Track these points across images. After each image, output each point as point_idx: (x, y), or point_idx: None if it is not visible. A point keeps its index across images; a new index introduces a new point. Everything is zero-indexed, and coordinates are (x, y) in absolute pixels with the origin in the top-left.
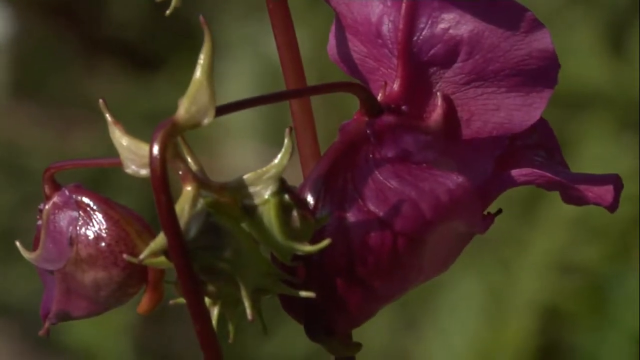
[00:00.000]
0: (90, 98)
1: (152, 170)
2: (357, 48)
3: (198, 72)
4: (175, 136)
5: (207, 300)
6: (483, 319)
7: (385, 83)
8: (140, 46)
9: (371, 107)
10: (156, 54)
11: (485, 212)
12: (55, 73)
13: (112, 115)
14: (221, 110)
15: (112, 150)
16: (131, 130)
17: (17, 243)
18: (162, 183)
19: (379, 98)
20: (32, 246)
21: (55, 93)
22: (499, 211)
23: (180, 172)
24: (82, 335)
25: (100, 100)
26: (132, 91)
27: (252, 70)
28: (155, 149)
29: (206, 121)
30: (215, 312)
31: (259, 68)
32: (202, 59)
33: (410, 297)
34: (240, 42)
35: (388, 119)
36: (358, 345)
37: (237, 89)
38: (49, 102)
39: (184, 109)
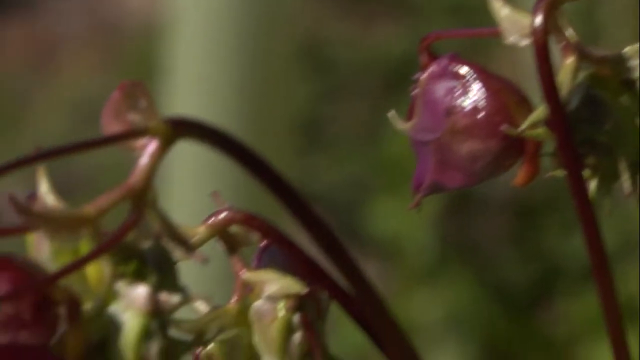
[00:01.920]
0: None
1: (535, 41)
2: None
3: None
4: (557, 7)
5: (584, 173)
6: None
7: None
8: None
9: None
10: None
11: None
12: None
13: None
14: None
15: (413, 42)
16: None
17: (392, 113)
18: (544, 53)
19: None
20: (407, 116)
21: None
22: None
23: (562, 44)
24: (387, 226)
25: None
26: None
27: None
28: (538, 19)
29: None
30: (592, 185)
31: None
32: None
33: None
34: None
35: None
36: None
37: None
38: None
39: None
